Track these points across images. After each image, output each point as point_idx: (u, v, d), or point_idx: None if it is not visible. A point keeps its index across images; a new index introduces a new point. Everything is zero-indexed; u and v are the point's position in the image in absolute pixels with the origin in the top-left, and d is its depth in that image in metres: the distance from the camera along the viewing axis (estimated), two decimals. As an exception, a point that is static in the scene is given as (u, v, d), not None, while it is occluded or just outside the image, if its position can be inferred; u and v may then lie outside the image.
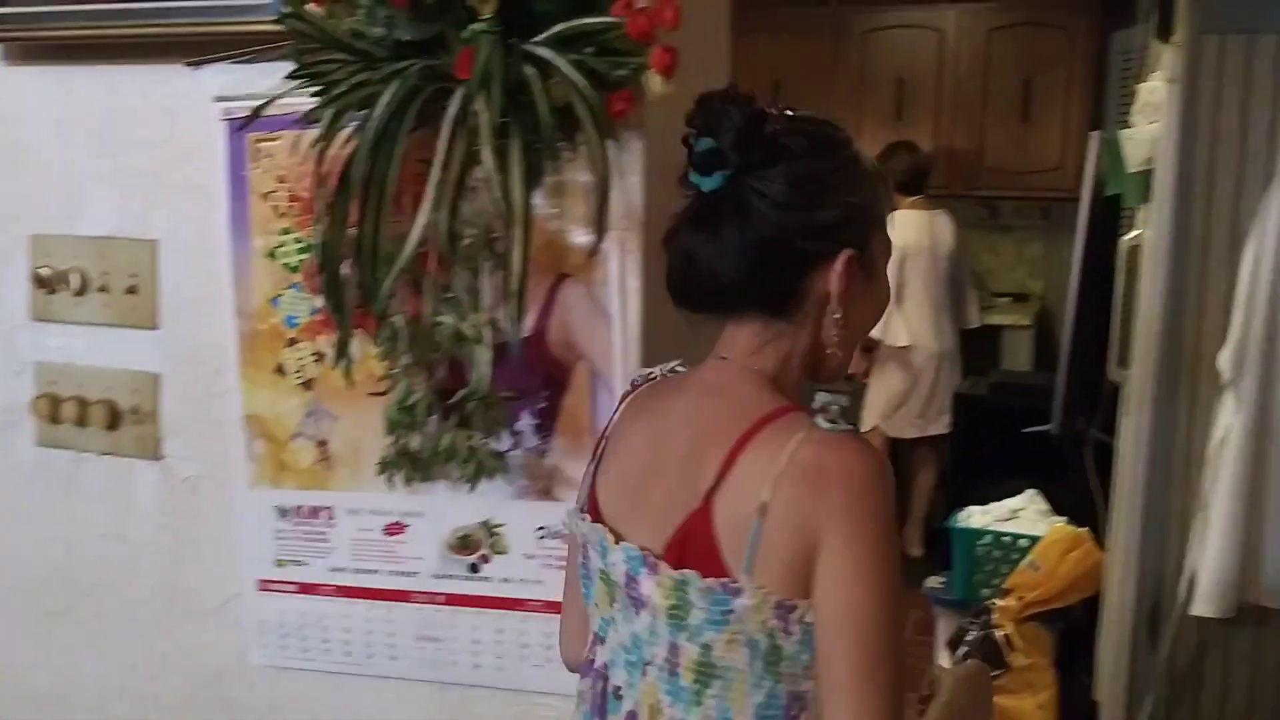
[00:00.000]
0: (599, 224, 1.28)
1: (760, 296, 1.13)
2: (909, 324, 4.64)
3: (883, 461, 1.07)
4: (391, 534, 1.56)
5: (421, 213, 1.30)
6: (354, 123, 1.32)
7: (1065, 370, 3.28)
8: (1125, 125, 3.24)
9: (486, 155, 1.25)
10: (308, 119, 1.34)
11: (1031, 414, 3.64)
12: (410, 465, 1.45)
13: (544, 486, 1.48)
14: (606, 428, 1.25)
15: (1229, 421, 2.52)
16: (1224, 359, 2.50)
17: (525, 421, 1.47)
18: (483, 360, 1.32)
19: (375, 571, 1.58)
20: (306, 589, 1.62)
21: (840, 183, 1.13)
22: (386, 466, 1.46)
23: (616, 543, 1.15)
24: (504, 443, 1.46)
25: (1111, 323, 3.33)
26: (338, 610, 1.61)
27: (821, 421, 1.07)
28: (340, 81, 1.32)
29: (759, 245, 1.10)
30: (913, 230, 4.66)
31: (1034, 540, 3.09)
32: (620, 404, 1.25)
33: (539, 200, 1.41)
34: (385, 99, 1.28)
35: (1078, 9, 5.04)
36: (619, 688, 1.18)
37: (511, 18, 1.28)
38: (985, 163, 5.25)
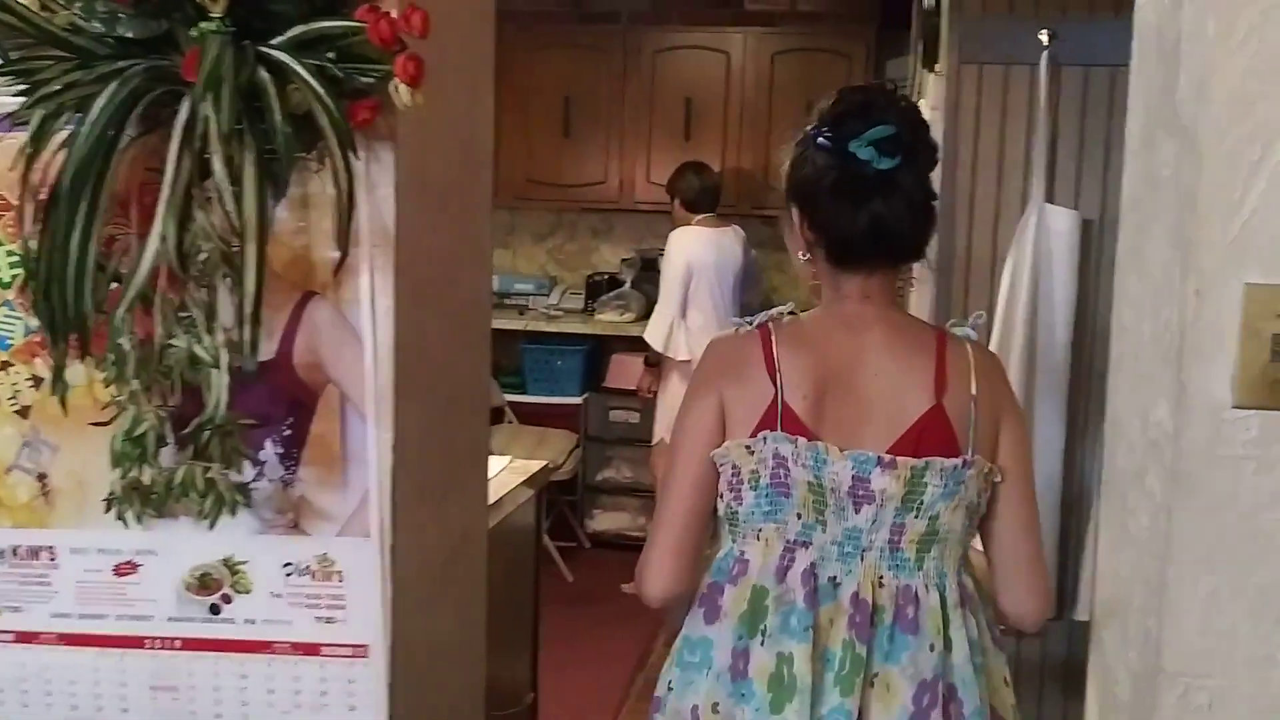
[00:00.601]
0: (342, 240, 1.21)
1: (920, 249, 1.53)
2: (691, 338, 4.70)
3: None
4: (122, 575, 1.43)
5: (155, 226, 1.20)
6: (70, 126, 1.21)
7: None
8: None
9: (217, 165, 1.16)
10: (13, 121, 1.21)
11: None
12: (142, 500, 1.33)
13: (291, 520, 1.38)
14: (772, 364, 1.46)
15: None
16: None
17: (270, 450, 1.37)
18: (219, 386, 1.22)
19: (104, 616, 1.44)
20: (25, 638, 1.46)
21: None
22: (115, 502, 1.33)
23: (843, 452, 1.43)
24: (247, 473, 1.35)
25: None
26: (62, 660, 1.46)
27: (969, 333, 1.54)
28: (50, 80, 1.20)
29: (925, 209, 1.49)
30: (700, 246, 4.73)
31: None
32: (766, 343, 1.48)
33: (284, 213, 1.33)
34: (101, 102, 1.17)
35: (855, 37, 5.24)
36: (834, 578, 1.45)
37: (245, 17, 1.19)
38: (771, 182, 5.36)
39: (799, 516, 1.46)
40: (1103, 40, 2.54)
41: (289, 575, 1.39)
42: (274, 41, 1.19)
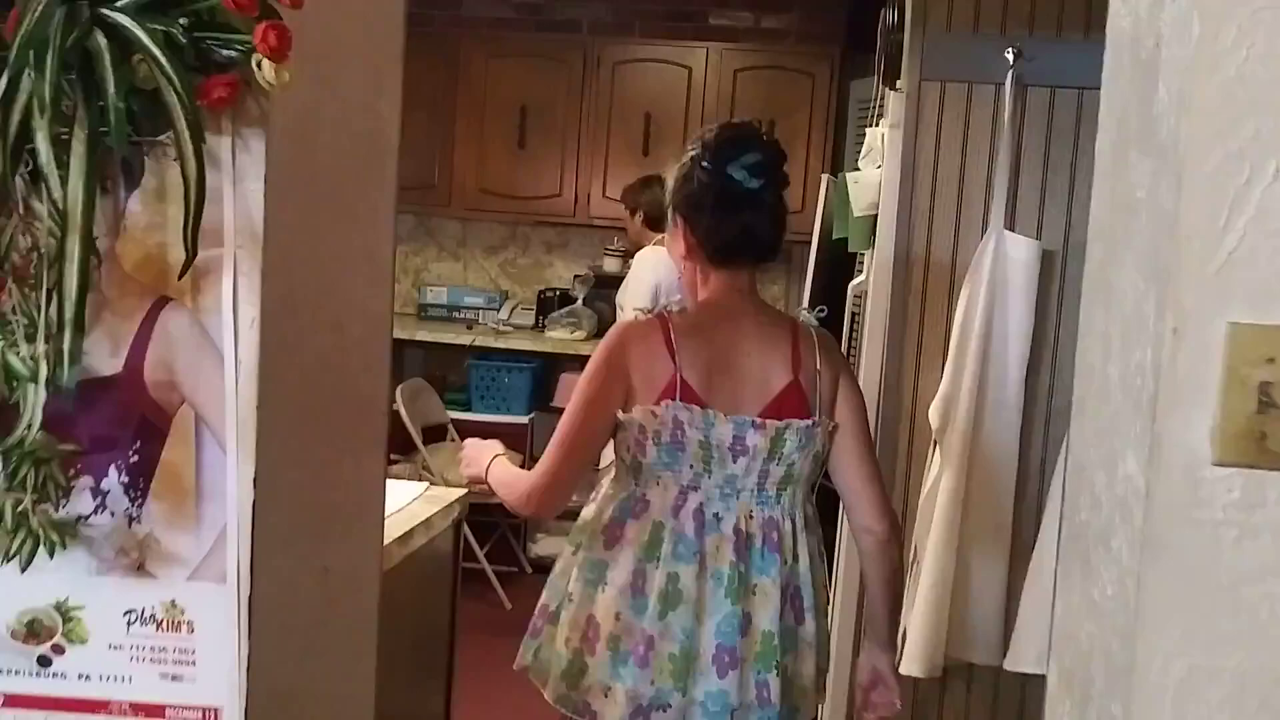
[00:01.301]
0: (190, 237, 1.03)
1: (776, 251, 1.95)
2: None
3: None
4: (-63, 619, 1.24)
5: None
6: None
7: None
8: (856, 170, 3.24)
9: (41, 144, 0.98)
10: None
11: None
12: (-47, 535, 1.14)
13: (135, 560, 1.20)
14: (671, 346, 1.84)
15: (935, 474, 2.47)
16: (934, 411, 2.46)
17: (113, 479, 1.18)
18: (35, 403, 1.04)
19: (-85, 667, 1.25)
20: None
21: None
22: (-81, 536, 1.15)
23: (726, 417, 1.84)
24: (83, 505, 1.17)
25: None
26: None
27: (813, 320, 2.02)
28: None
29: (782, 221, 1.92)
30: (666, 266, 4.57)
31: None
32: (664, 331, 1.86)
33: (137, 206, 1.15)
34: (-97, 64, 0.99)
35: (820, 57, 5.12)
36: (717, 514, 1.86)
37: (84, -26, 1.02)
38: (730, 202, 5.24)
39: (691, 467, 1.85)
40: (1071, 61, 2.41)
41: (131, 624, 1.21)
42: (117, 3, 1.02)
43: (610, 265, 5.42)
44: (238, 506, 1.17)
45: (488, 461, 2.09)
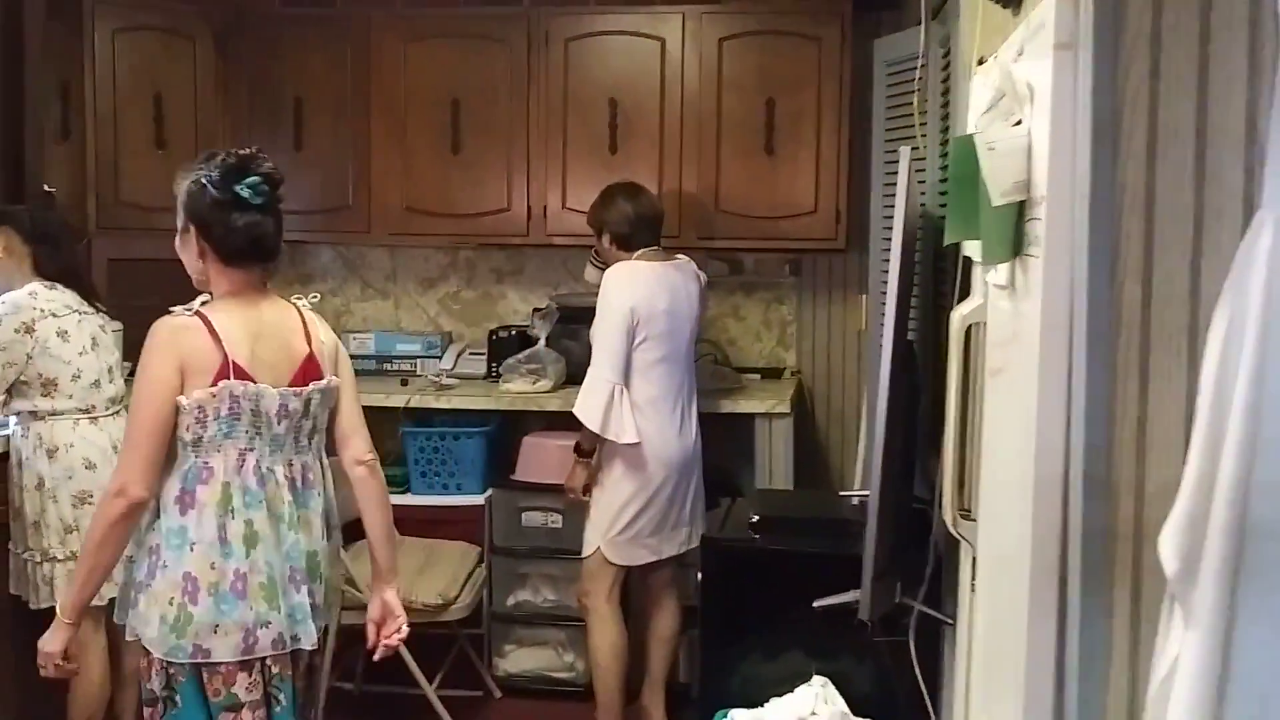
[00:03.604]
0: None
1: (276, 254, 2.40)
2: (641, 414, 3.44)
3: None
4: None
5: None
6: None
7: (876, 514, 2.12)
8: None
9: None
10: None
11: (809, 564, 2.49)
12: None
13: None
14: (216, 336, 2.26)
15: (1175, 651, 1.37)
16: (1167, 543, 1.35)
17: None
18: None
19: None
20: None
21: None
22: None
23: (274, 388, 2.31)
24: None
25: (925, 437, 2.23)
26: None
27: (306, 303, 2.50)
28: None
29: (279, 230, 2.38)
30: (647, 286, 3.48)
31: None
32: (206, 325, 2.27)
33: None
34: None
35: (826, 16, 4.05)
36: (270, 468, 2.32)
37: None
38: (722, 205, 4.16)
39: (246, 433, 2.29)
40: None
41: None
42: None
43: (578, 292, 4.32)
44: None
45: None
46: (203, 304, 2.32)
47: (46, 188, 3.23)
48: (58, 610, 2.32)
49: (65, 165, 3.84)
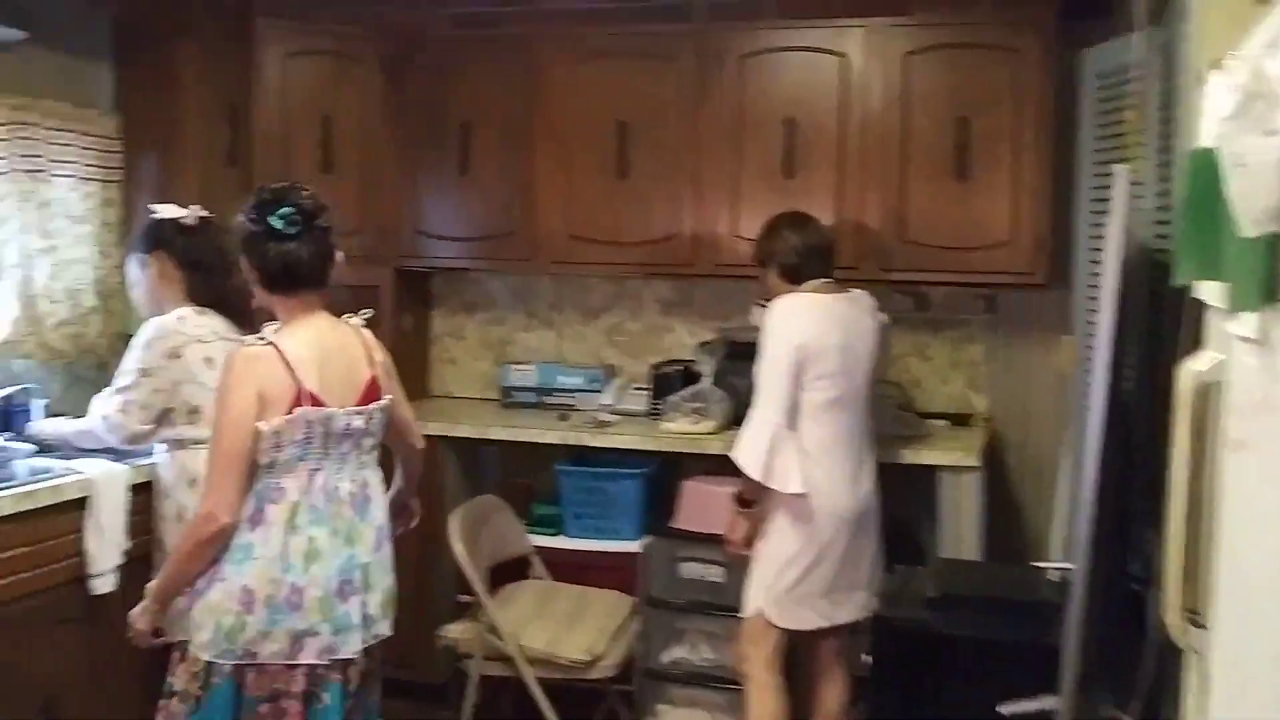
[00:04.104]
0: None
1: (324, 280, 2.48)
2: (810, 461, 3.13)
3: None
4: None
5: None
6: None
7: (1081, 606, 1.75)
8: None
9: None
10: None
11: (997, 653, 2.11)
12: None
13: None
14: (288, 365, 2.38)
15: None
16: None
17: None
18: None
19: None
20: None
21: None
22: None
23: (342, 409, 2.44)
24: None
25: (1139, 506, 1.86)
26: None
27: (360, 321, 2.59)
28: None
29: (327, 256, 2.48)
30: (816, 322, 3.18)
31: None
32: (279, 354, 2.38)
33: None
34: None
35: (1025, 25, 3.66)
36: (337, 485, 2.45)
37: None
38: (908, 235, 3.80)
39: (316, 454, 2.41)
40: None
41: None
42: None
43: (749, 327, 4.02)
44: None
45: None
46: (275, 332, 2.42)
47: (204, 213, 3.16)
48: (146, 591, 2.53)
49: (230, 189, 3.81)
